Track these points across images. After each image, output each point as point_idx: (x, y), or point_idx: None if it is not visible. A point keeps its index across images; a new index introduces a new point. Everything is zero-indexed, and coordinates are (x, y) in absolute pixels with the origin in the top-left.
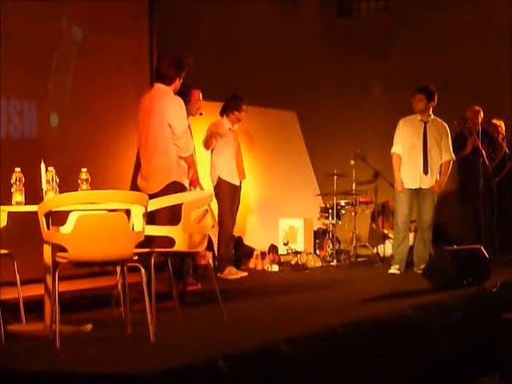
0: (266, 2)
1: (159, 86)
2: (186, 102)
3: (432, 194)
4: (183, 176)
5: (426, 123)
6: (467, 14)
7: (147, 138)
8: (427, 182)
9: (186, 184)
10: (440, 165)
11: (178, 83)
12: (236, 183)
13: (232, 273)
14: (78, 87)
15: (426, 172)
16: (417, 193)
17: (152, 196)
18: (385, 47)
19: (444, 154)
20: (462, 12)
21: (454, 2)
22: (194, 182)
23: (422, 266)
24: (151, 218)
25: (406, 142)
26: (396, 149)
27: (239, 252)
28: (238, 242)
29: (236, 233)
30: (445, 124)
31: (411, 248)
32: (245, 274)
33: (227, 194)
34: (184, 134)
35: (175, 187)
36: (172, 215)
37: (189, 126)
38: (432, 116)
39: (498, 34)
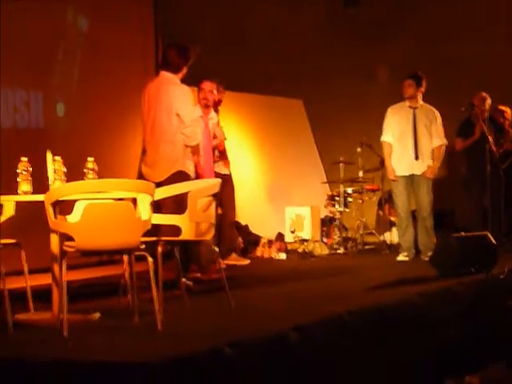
0: None
1: (165, 74)
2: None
3: (426, 180)
4: (189, 165)
5: (414, 109)
6: (471, 3)
7: (154, 127)
8: (419, 168)
9: (192, 173)
10: (432, 150)
11: (184, 71)
12: None
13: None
14: (84, 77)
15: (417, 157)
16: (411, 180)
17: (157, 184)
18: (391, 35)
19: (435, 139)
20: (466, 1)
21: None
22: (199, 169)
23: (430, 254)
24: (157, 206)
25: (395, 129)
26: (386, 137)
27: (246, 240)
28: (245, 230)
29: (243, 221)
30: (434, 109)
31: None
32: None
33: None
34: (192, 123)
35: (181, 176)
36: (178, 204)
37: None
38: (421, 102)
39: (503, 20)
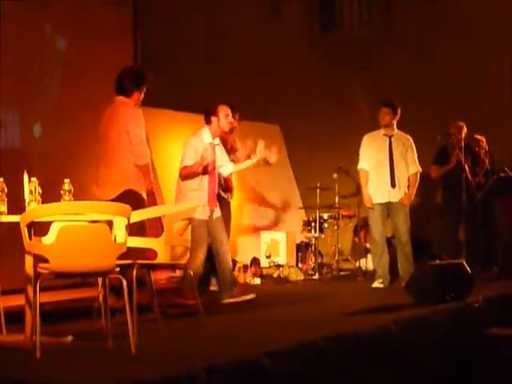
0: (252, 16)
1: (120, 99)
2: (209, 118)
3: (403, 207)
4: (140, 185)
5: (390, 137)
6: (450, 28)
7: (107, 147)
8: (396, 195)
9: (143, 194)
10: (407, 177)
11: (137, 96)
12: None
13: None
14: (61, 97)
15: (393, 185)
16: (387, 207)
17: None
18: (368, 61)
19: (410, 167)
20: (445, 25)
21: (436, 16)
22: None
23: None
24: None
25: (371, 157)
26: (362, 165)
27: None
28: None
29: None
30: (409, 137)
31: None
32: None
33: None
34: (140, 142)
35: (130, 195)
36: (138, 227)
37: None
38: (396, 130)
39: (480, 48)
